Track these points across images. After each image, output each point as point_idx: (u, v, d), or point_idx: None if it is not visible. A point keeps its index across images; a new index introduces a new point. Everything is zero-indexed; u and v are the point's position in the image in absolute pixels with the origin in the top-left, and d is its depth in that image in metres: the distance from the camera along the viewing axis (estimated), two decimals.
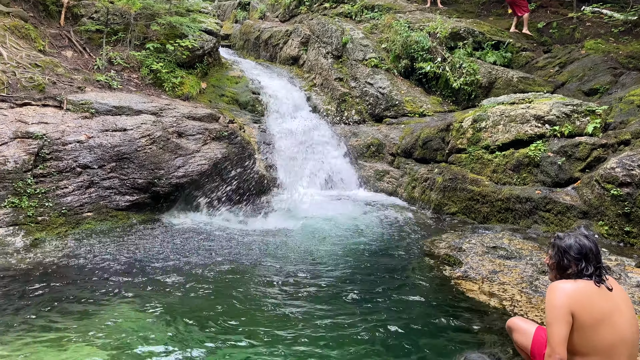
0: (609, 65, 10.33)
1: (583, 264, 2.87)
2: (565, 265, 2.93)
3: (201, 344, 3.99)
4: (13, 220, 6.70)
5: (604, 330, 2.72)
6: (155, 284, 5.29)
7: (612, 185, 6.66)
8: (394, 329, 4.32)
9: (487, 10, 14.96)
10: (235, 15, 20.16)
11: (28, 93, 8.28)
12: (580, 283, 2.82)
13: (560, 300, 2.75)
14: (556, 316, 2.72)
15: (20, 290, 5.01)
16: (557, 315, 2.72)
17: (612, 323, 2.73)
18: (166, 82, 10.88)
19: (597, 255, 2.91)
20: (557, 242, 3.03)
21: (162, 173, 8.02)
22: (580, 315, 2.71)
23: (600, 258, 2.92)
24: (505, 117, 8.65)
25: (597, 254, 2.91)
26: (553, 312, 2.74)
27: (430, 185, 9.38)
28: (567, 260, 2.92)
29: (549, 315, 2.76)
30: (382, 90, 12.14)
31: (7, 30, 9.50)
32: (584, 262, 2.87)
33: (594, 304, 2.74)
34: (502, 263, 5.85)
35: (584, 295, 2.76)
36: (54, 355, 3.76)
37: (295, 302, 4.87)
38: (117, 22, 11.38)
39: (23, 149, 7.18)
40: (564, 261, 2.93)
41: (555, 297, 2.79)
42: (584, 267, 2.86)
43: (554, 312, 2.74)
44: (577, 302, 2.73)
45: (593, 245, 2.93)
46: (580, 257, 2.89)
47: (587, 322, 2.71)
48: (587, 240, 2.95)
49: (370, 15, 14.60)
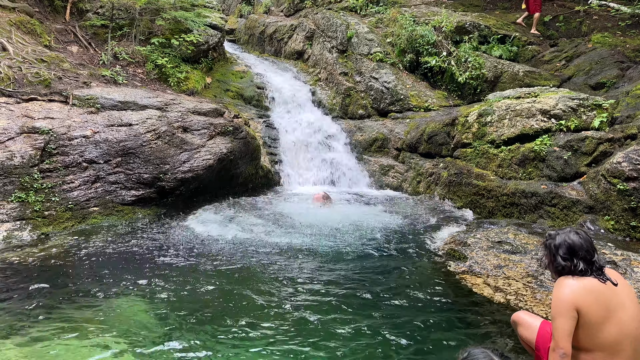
0: (615, 59, 10.25)
1: (574, 261, 2.85)
2: (557, 264, 2.92)
3: (211, 337, 4.01)
4: (20, 214, 6.75)
5: (609, 326, 2.72)
6: (164, 278, 5.31)
7: (618, 180, 6.62)
8: (398, 322, 4.33)
9: (493, 3, 14.86)
10: (240, 9, 20.13)
11: (34, 88, 8.32)
12: (586, 280, 2.81)
13: (566, 295, 2.76)
14: (561, 311, 2.73)
15: (28, 285, 5.05)
16: (561, 310, 2.73)
17: (617, 319, 2.73)
18: (171, 77, 10.90)
19: (588, 251, 2.85)
20: (549, 242, 3.01)
21: (168, 168, 8.05)
22: (586, 313, 2.71)
23: (594, 253, 2.86)
24: (511, 111, 8.61)
25: (589, 250, 2.86)
26: (558, 306, 2.76)
27: (436, 180, 9.37)
28: (558, 259, 2.91)
29: (554, 309, 2.77)
30: (387, 84, 12.10)
31: (13, 25, 9.53)
32: (574, 259, 2.85)
33: (600, 302, 2.73)
34: (507, 258, 5.84)
35: (589, 292, 2.76)
36: (64, 348, 3.80)
37: (300, 297, 4.89)
38: (122, 17, 11.39)
39: (29, 144, 7.22)
40: (556, 260, 2.92)
41: (561, 292, 2.80)
42: (575, 264, 2.84)
43: (559, 307, 2.75)
44: (582, 298, 2.73)
45: (584, 242, 2.88)
46: (568, 255, 2.87)
47: (593, 319, 2.71)
48: (576, 237, 2.91)
49: (376, 9, 14.54)
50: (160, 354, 3.76)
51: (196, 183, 8.41)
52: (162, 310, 4.51)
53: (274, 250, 6.45)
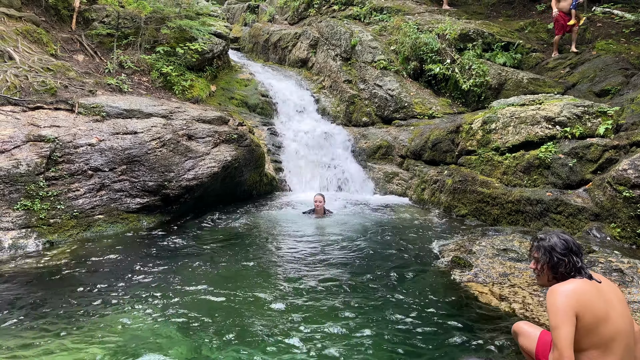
0: (620, 66, 10.24)
1: (573, 258, 2.89)
2: (556, 264, 2.92)
3: (220, 345, 4.00)
4: (26, 222, 6.78)
5: (604, 325, 2.75)
6: (169, 286, 5.31)
7: (624, 187, 6.59)
8: (402, 329, 4.30)
9: (496, 11, 14.90)
10: (245, 18, 20.25)
11: (40, 97, 8.37)
12: (578, 283, 2.83)
13: (563, 302, 2.74)
14: (562, 319, 2.71)
15: (32, 293, 5.06)
16: (562, 318, 2.71)
17: (609, 317, 2.76)
18: (176, 85, 10.96)
19: (580, 249, 2.96)
20: (542, 244, 3.03)
21: (172, 175, 8.07)
22: (584, 316, 2.72)
23: (581, 252, 2.97)
24: (515, 118, 8.60)
25: (580, 248, 2.96)
26: (558, 315, 2.73)
27: (440, 187, 9.35)
28: (557, 258, 2.92)
29: (554, 318, 2.74)
30: (391, 92, 12.12)
31: (20, 34, 9.62)
32: (573, 256, 2.90)
33: (594, 303, 2.76)
34: (512, 265, 5.81)
35: (584, 295, 2.77)
36: (67, 358, 3.80)
37: (301, 304, 4.88)
38: (127, 25, 11.48)
39: (35, 152, 7.26)
40: (554, 259, 2.93)
41: (557, 300, 2.77)
42: (575, 261, 2.88)
43: (559, 315, 2.72)
44: (579, 302, 2.73)
45: (572, 240, 2.98)
46: (566, 252, 2.92)
47: (590, 321, 2.73)
48: (567, 236, 3.00)
49: (379, 17, 14.60)
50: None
51: (201, 190, 8.43)
52: (167, 319, 4.50)
53: (277, 260, 6.44)
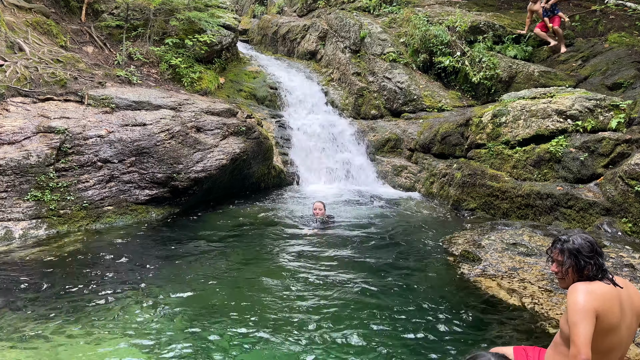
0: (633, 58, 10.09)
1: (599, 260, 2.82)
2: (583, 267, 2.85)
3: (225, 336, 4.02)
4: (36, 213, 6.83)
5: (612, 335, 2.69)
6: (177, 277, 5.33)
7: (636, 182, 6.52)
8: (410, 322, 4.30)
9: (507, 3, 14.73)
10: (253, 10, 20.19)
11: (50, 88, 8.41)
12: (603, 286, 2.76)
13: (588, 300, 2.69)
14: (584, 316, 2.65)
15: (42, 283, 5.10)
16: (584, 315, 2.65)
17: (619, 329, 2.70)
18: (185, 77, 10.95)
19: (601, 250, 2.90)
20: (566, 246, 2.92)
21: (181, 167, 8.09)
22: (602, 321, 2.66)
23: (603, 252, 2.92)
24: (526, 111, 8.52)
25: (601, 249, 2.90)
26: (580, 311, 2.67)
27: (449, 181, 9.30)
28: (584, 262, 2.84)
29: (575, 315, 2.69)
30: (400, 84, 12.05)
31: (30, 26, 9.65)
32: (599, 257, 2.83)
33: (614, 311, 2.69)
34: (522, 260, 5.77)
35: (607, 300, 2.70)
36: (73, 348, 3.83)
37: (311, 300, 4.88)
38: (136, 17, 11.48)
39: (45, 143, 7.30)
40: (580, 263, 2.85)
41: (581, 297, 2.72)
42: (601, 263, 2.81)
43: (582, 312, 2.66)
44: (601, 305, 2.67)
45: (595, 241, 2.92)
46: (593, 254, 2.84)
47: (606, 326, 2.66)
48: (590, 236, 2.92)
49: (389, 9, 14.48)
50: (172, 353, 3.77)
51: (209, 183, 8.45)
52: (175, 310, 4.52)
53: (286, 255, 6.45)
